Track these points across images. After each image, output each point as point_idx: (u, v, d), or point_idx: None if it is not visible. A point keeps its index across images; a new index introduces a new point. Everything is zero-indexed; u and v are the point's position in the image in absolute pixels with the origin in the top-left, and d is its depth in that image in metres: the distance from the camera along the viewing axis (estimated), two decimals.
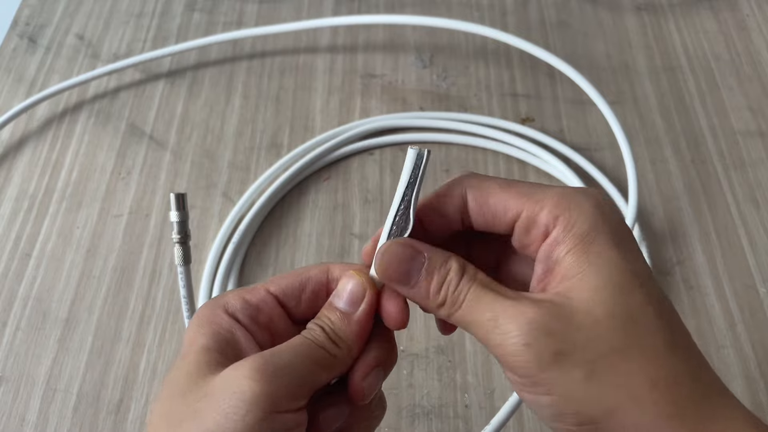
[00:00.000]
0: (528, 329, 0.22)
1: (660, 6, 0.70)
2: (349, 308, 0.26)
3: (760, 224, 0.53)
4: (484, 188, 0.26)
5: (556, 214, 0.24)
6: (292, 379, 0.23)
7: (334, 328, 0.25)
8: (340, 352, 0.25)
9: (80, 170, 0.57)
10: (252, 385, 0.22)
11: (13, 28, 0.68)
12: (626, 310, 0.23)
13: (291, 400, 0.23)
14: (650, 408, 0.22)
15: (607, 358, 0.22)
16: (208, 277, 0.50)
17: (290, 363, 0.24)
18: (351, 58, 0.65)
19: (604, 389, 0.22)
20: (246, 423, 0.22)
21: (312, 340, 0.25)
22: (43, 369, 0.46)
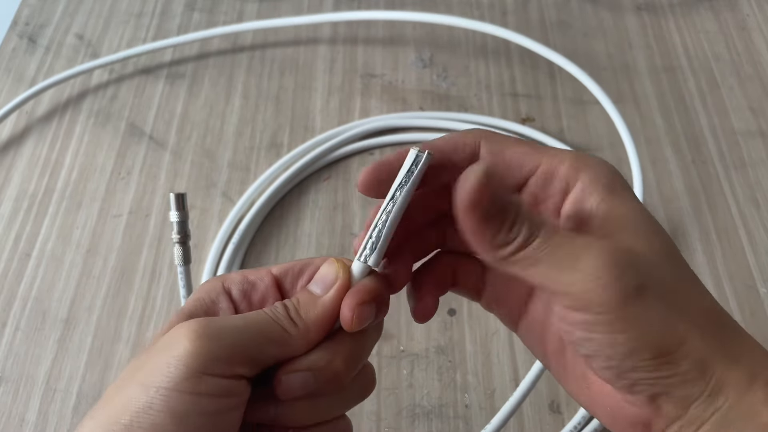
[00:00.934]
0: (615, 261, 0.22)
1: (660, 6, 0.70)
2: (319, 291, 0.25)
3: (760, 224, 0.53)
4: (499, 141, 0.26)
5: (578, 168, 0.25)
6: (231, 344, 0.23)
7: (297, 306, 0.25)
8: (295, 331, 0.24)
9: (80, 170, 0.57)
10: (185, 343, 0.22)
11: (13, 28, 0.68)
12: (668, 249, 0.24)
13: (225, 364, 0.23)
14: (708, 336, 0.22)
15: (674, 290, 0.23)
16: (208, 277, 0.50)
17: (234, 329, 0.23)
18: (351, 58, 0.65)
19: (677, 320, 0.22)
20: (171, 378, 0.22)
21: (269, 313, 0.24)
22: (43, 369, 0.46)
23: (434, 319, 0.46)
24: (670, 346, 0.22)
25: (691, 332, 0.22)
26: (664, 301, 0.22)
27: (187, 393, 0.22)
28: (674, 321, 0.22)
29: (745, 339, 0.23)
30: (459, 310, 0.49)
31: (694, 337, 0.22)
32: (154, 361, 0.22)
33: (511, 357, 0.47)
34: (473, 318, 0.48)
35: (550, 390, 0.45)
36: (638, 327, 0.22)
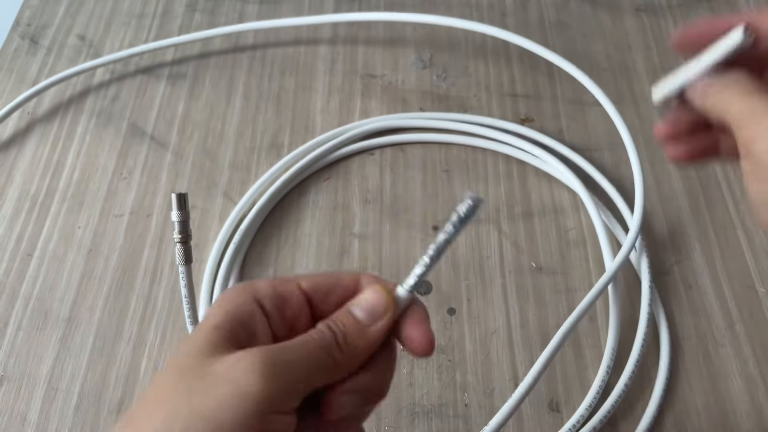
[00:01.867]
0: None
1: (659, 7, 0.70)
2: (365, 320, 0.25)
3: None
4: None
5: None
6: (292, 380, 0.23)
7: (345, 333, 0.25)
8: (343, 360, 0.25)
9: (82, 170, 0.57)
10: (252, 380, 0.22)
11: (15, 29, 0.68)
12: None
13: (287, 401, 0.23)
14: None
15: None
16: (209, 276, 0.50)
17: (293, 363, 0.23)
18: (351, 59, 0.65)
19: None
20: (238, 417, 0.21)
21: (318, 341, 0.24)
22: (45, 368, 0.47)
23: (434, 318, 0.46)
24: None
25: None
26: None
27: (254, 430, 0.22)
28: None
29: None
30: (459, 310, 0.49)
31: None
32: (218, 393, 0.22)
33: (511, 356, 0.47)
34: (473, 317, 0.49)
35: (550, 389, 0.45)
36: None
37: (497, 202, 0.55)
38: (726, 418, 0.44)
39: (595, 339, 0.48)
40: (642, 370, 0.46)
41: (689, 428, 0.44)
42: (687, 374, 0.46)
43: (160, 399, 0.23)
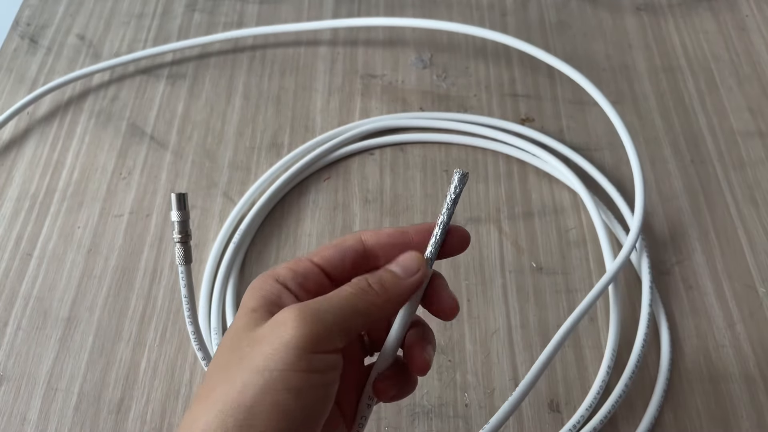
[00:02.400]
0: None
1: (660, 6, 0.70)
2: (401, 273, 0.29)
3: (759, 224, 0.53)
4: None
5: None
6: (331, 322, 0.26)
7: (381, 279, 0.28)
8: (377, 301, 0.27)
9: (81, 170, 0.57)
10: (290, 328, 0.25)
11: (14, 29, 0.68)
12: None
13: (328, 341, 0.25)
14: None
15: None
16: (208, 276, 0.50)
17: (327, 308, 0.26)
18: (351, 59, 0.65)
19: None
20: (285, 361, 0.24)
21: (352, 287, 0.27)
22: (44, 368, 0.47)
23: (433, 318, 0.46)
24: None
25: None
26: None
27: (301, 371, 0.24)
28: None
29: None
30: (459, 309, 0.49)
31: None
32: (264, 347, 0.25)
33: (511, 356, 0.47)
34: (473, 317, 0.49)
35: (550, 389, 0.45)
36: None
37: (497, 202, 0.55)
38: (726, 418, 0.44)
39: (595, 339, 0.48)
40: (642, 371, 0.46)
41: (689, 428, 0.44)
42: (687, 374, 0.46)
43: (218, 373, 0.26)
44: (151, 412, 0.45)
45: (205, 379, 0.27)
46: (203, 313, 0.48)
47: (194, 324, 0.43)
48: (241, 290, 0.50)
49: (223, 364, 0.26)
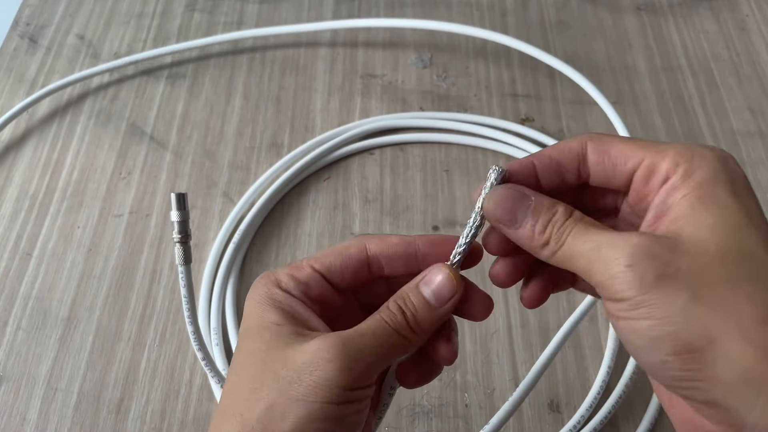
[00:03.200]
0: (631, 252, 0.22)
1: (660, 6, 0.70)
2: (435, 302, 0.27)
3: None
4: (605, 140, 0.26)
5: (677, 162, 0.24)
6: (369, 361, 0.26)
7: (416, 315, 0.27)
8: (415, 339, 0.27)
9: (81, 170, 0.57)
10: (335, 368, 0.25)
11: (14, 29, 0.68)
12: (739, 244, 0.22)
13: (366, 379, 0.26)
14: (756, 343, 0.21)
15: (714, 286, 0.22)
16: (208, 276, 0.50)
17: (369, 346, 0.26)
18: (351, 58, 0.65)
19: (707, 316, 0.21)
20: (326, 396, 0.24)
21: (391, 325, 0.26)
22: (44, 368, 0.47)
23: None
24: (693, 342, 0.21)
25: (729, 335, 0.21)
26: (691, 293, 0.22)
27: (343, 404, 0.25)
28: (703, 317, 0.21)
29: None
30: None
31: (731, 339, 0.21)
32: (305, 377, 0.25)
33: (511, 357, 0.47)
34: None
35: (550, 389, 0.45)
36: (658, 315, 0.22)
37: None
38: None
39: (595, 339, 0.47)
40: (643, 371, 0.46)
41: None
42: None
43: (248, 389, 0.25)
44: (151, 412, 0.45)
45: (232, 390, 0.26)
46: (203, 313, 0.48)
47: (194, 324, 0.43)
48: (241, 290, 0.50)
49: (254, 379, 0.26)
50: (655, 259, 0.22)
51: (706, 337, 0.21)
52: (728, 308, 0.21)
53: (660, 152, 0.25)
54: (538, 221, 0.25)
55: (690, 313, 0.21)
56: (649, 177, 0.25)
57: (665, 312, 0.22)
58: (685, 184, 0.24)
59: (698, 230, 0.23)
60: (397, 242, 0.29)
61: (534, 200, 0.26)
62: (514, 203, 0.26)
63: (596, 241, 0.24)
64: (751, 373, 0.21)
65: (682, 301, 0.22)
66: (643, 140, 0.26)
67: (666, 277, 0.22)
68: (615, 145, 0.26)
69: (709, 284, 0.22)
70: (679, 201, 0.24)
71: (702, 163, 0.24)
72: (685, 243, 0.23)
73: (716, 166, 0.24)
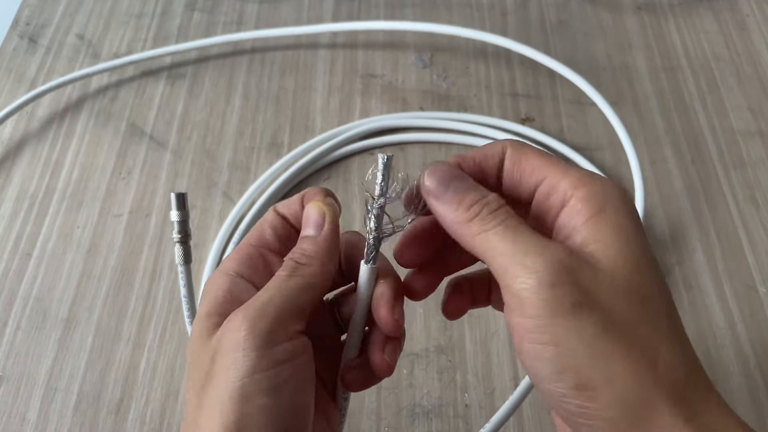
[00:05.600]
0: (557, 270, 0.22)
1: (660, 6, 0.70)
2: (314, 231, 0.28)
3: (759, 224, 0.53)
4: (521, 150, 0.27)
5: (576, 185, 0.25)
6: (274, 312, 0.25)
7: (303, 250, 0.27)
8: (311, 269, 0.27)
9: (81, 170, 0.57)
10: (243, 330, 0.24)
11: (14, 28, 0.68)
12: (643, 287, 0.23)
13: (283, 330, 0.25)
14: (650, 385, 0.21)
15: (619, 326, 0.22)
16: (208, 276, 0.50)
17: (270, 298, 0.26)
18: (351, 58, 0.65)
19: (609, 355, 0.21)
20: (250, 367, 0.24)
21: (286, 268, 0.27)
22: (44, 368, 0.46)
23: (434, 318, 0.46)
24: (593, 379, 0.21)
25: (627, 376, 0.21)
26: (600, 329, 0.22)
27: (269, 369, 0.24)
28: (603, 354, 0.21)
29: (711, 400, 0.22)
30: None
31: (628, 381, 0.21)
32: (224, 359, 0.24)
33: (511, 356, 0.47)
34: (473, 317, 0.48)
35: None
36: (565, 344, 0.22)
37: None
38: None
39: None
40: None
41: None
42: None
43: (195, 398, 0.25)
44: (151, 413, 0.45)
45: (187, 406, 0.26)
46: None
47: None
48: None
49: (195, 383, 0.26)
50: (577, 286, 0.22)
51: (606, 377, 0.21)
52: (626, 350, 0.22)
53: (563, 173, 0.25)
54: (468, 195, 0.25)
55: (594, 349, 0.21)
56: (549, 194, 0.25)
57: (573, 343, 0.22)
58: (586, 208, 0.24)
59: (611, 262, 0.23)
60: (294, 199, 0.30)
61: (470, 182, 0.26)
62: (450, 176, 0.26)
63: (524, 243, 0.23)
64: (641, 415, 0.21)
65: (590, 335, 0.22)
66: (556, 159, 0.26)
67: (581, 307, 0.22)
68: (527, 158, 0.26)
69: (616, 322, 0.22)
70: (583, 225, 0.24)
71: (600, 188, 0.24)
72: (603, 273, 0.23)
73: (612, 193, 0.24)
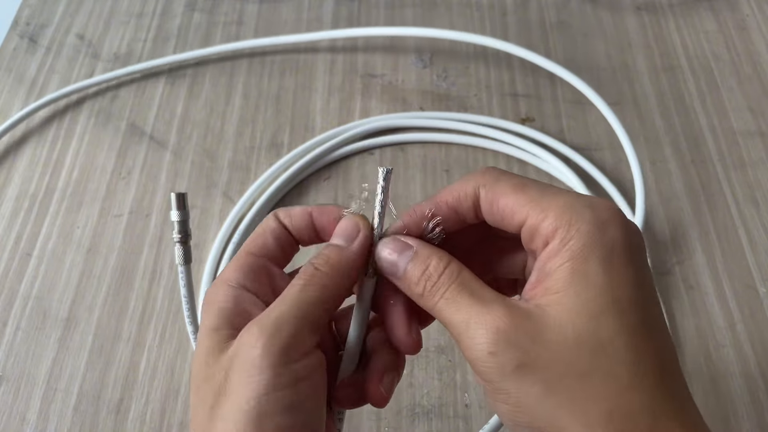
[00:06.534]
0: (495, 339, 0.23)
1: (660, 6, 0.70)
2: (344, 242, 0.27)
3: (759, 224, 0.53)
4: (496, 189, 0.26)
5: (556, 227, 0.24)
6: (293, 325, 0.24)
7: (328, 257, 0.27)
8: (331, 280, 0.26)
9: (81, 170, 0.57)
10: (260, 346, 0.24)
11: (14, 28, 0.68)
12: (596, 337, 0.23)
13: (300, 345, 0.24)
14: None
15: (567, 381, 0.22)
16: (208, 276, 0.50)
17: (287, 311, 0.25)
18: (351, 58, 0.65)
19: (558, 409, 0.22)
20: (268, 384, 0.23)
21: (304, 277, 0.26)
22: (44, 368, 0.46)
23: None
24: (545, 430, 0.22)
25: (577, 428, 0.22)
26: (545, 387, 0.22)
27: (288, 387, 0.24)
28: (554, 411, 0.22)
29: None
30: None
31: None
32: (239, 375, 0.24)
33: None
34: None
35: None
36: (515, 402, 0.23)
37: None
38: (727, 418, 0.44)
39: None
40: None
41: None
42: (688, 375, 0.46)
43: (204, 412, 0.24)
44: (151, 412, 0.45)
45: (193, 420, 0.25)
46: None
47: (194, 324, 0.43)
48: None
49: (206, 399, 0.25)
50: (516, 349, 0.23)
51: (557, 428, 0.22)
52: (577, 404, 0.22)
53: (542, 212, 0.24)
54: (415, 270, 0.26)
55: (542, 405, 0.22)
56: (533, 236, 0.25)
57: (521, 401, 0.23)
58: (561, 252, 0.24)
59: (562, 313, 0.23)
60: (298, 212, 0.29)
61: (414, 250, 0.26)
62: (397, 254, 0.26)
63: (465, 314, 0.24)
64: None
65: (535, 393, 0.22)
66: (534, 191, 0.25)
67: (524, 368, 0.22)
68: (502, 198, 0.26)
69: (562, 377, 0.22)
70: (555, 270, 0.24)
71: (578, 229, 0.24)
72: (548, 328, 0.23)
73: (592, 233, 0.24)
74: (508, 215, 0.26)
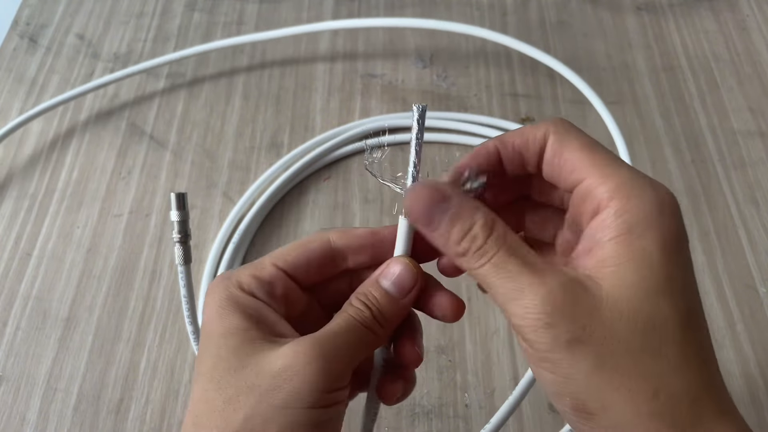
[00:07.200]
0: (551, 311, 0.22)
1: (660, 6, 0.70)
2: (397, 293, 0.27)
3: (759, 224, 0.53)
4: (565, 141, 0.25)
5: (612, 196, 0.23)
6: (346, 360, 0.25)
7: (381, 309, 0.27)
8: (382, 333, 0.27)
9: (81, 170, 0.57)
10: (314, 371, 0.24)
11: (14, 28, 0.68)
12: (650, 316, 0.22)
13: (343, 379, 0.25)
14: (645, 417, 0.22)
15: (618, 357, 0.22)
16: (208, 276, 0.50)
17: (344, 345, 0.25)
18: (351, 58, 0.65)
19: (605, 386, 0.22)
20: (310, 401, 0.24)
21: (360, 321, 0.26)
22: (44, 368, 0.46)
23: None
24: (590, 406, 0.22)
25: (622, 406, 0.22)
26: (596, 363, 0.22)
27: (324, 407, 0.25)
28: (599, 385, 0.22)
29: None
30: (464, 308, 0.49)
31: (623, 411, 0.22)
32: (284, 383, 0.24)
33: (511, 356, 0.47)
34: (473, 317, 0.48)
35: None
36: (563, 373, 0.22)
37: None
38: None
39: None
40: None
41: None
42: None
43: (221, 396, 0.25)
44: (151, 412, 0.45)
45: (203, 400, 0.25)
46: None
47: (194, 324, 0.43)
48: None
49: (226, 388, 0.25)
50: (572, 323, 0.22)
51: (602, 405, 0.22)
52: (625, 381, 0.22)
53: (603, 177, 0.24)
54: (455, 228, 0.24)
55: (590, 380, 0.22)
56: (585, 198, 0.24)
57: (569, 373, 0.22)
58: (615, 224, 0.23)
59: (619, 289, 0.23)
60: (361, 234, 0.29)
61: (454, 203, 0.25)
62: (431, 203, 0.25)
63: (516, 282, 0.23)
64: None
65: (585, 367, 0.22)
66: (600, 155, 0.25)
67: (578, 342, 0.22)
68: (570, 150, 0.25)
69: (614, 353, 0.22)
70: (607, 242, 0.23)
71: (638, 204, 0.23)
72: (603, 303, 0.22)
73: (652, 212, 0.23)
74: (568, 170, 0.25)
